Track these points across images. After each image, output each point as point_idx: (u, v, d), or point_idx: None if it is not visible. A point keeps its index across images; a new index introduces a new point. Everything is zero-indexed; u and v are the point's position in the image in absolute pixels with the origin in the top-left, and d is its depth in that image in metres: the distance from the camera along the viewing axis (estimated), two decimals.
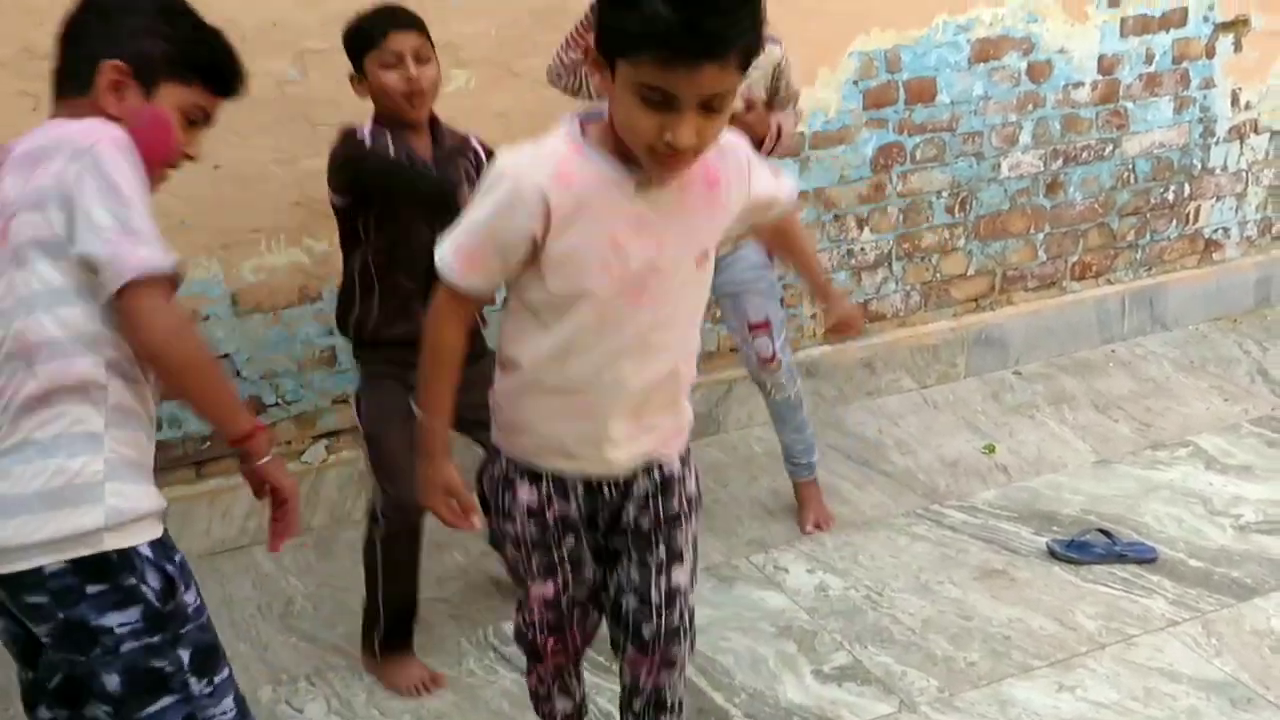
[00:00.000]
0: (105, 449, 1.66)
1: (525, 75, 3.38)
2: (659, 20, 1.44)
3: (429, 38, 2.67)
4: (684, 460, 1.98)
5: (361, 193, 2.64)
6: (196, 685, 1.73)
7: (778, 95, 3.04)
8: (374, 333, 2.70)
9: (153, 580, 1.69)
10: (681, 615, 2.02)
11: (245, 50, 3.06)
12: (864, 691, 2.69)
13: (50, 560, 1.63)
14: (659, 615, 1.99)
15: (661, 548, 1.97)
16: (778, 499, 3.49)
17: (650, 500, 1.94)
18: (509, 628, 2.93)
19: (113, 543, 1.65)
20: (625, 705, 2.14)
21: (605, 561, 2.03)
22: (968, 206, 4.21)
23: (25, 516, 1.62)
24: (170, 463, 3.31)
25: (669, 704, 2.11)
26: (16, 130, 3.07)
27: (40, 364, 1.63)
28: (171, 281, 1.67)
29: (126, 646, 1.67)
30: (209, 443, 3.36)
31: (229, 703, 1.79)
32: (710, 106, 1.53)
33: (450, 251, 1.73)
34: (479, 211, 1.70)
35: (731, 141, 1.75)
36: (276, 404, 3.40)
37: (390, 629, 2.77)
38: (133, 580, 1.67)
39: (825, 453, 3.76)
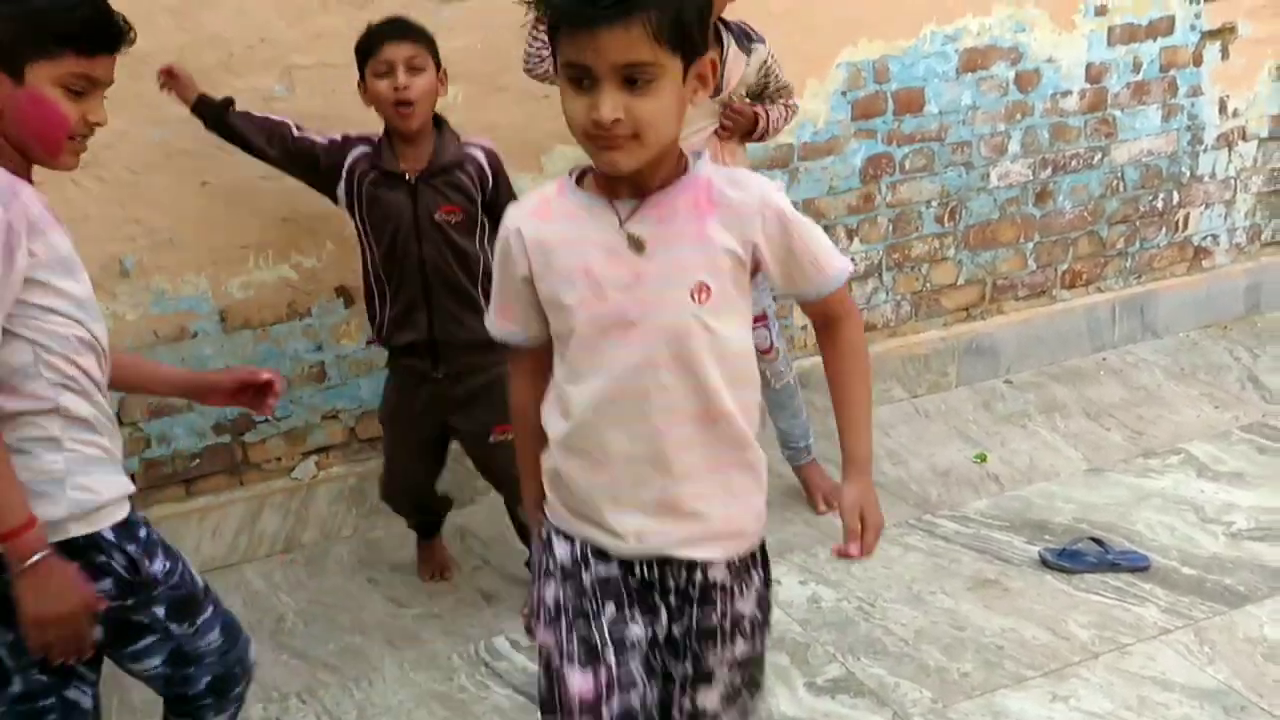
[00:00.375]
0: (64, 449, 1.78)
1: (512, 89, 3.38)
2: None
3: (430, 48, 2.77)
4: (742, 570, 1.70)
5: (348, 204, 2.82)
6: (177, 628, 1.94)
7: (767, 89, 3.20)
8: (387, 337, 2.92)
9: (118, 559, 1.84)
10: None
11: (232, 67, 3.10)
12: (857, 703, 2.68)
13: None
14: None
15: (688, 663, 1.70)
16: (770, 511, 3.46)
17: (687, 605, 1.68)
18: (500, 643, 2.95)
19: (77, 529, 1.79)
20: None
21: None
22: (957, 216, 4.21)
23: None
24: (160, 480, 3.30)
25: None
26: None
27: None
28: None
29: (104, 607, 1.82)
30: (198, 460, 3.35)
31: (214, 635, 2.00)
32: (633, 80, 1.46)
33: (490, 306, 1.75)
34: (494, 262, 1.74)
35: (756, 180, 1.63)
36: (266, 420, 3.39)
37: (394, 509, 3.20)
38: (102, 558, 1.82)
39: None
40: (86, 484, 1.80)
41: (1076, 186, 4.39)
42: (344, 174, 2.80)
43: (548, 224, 1.63)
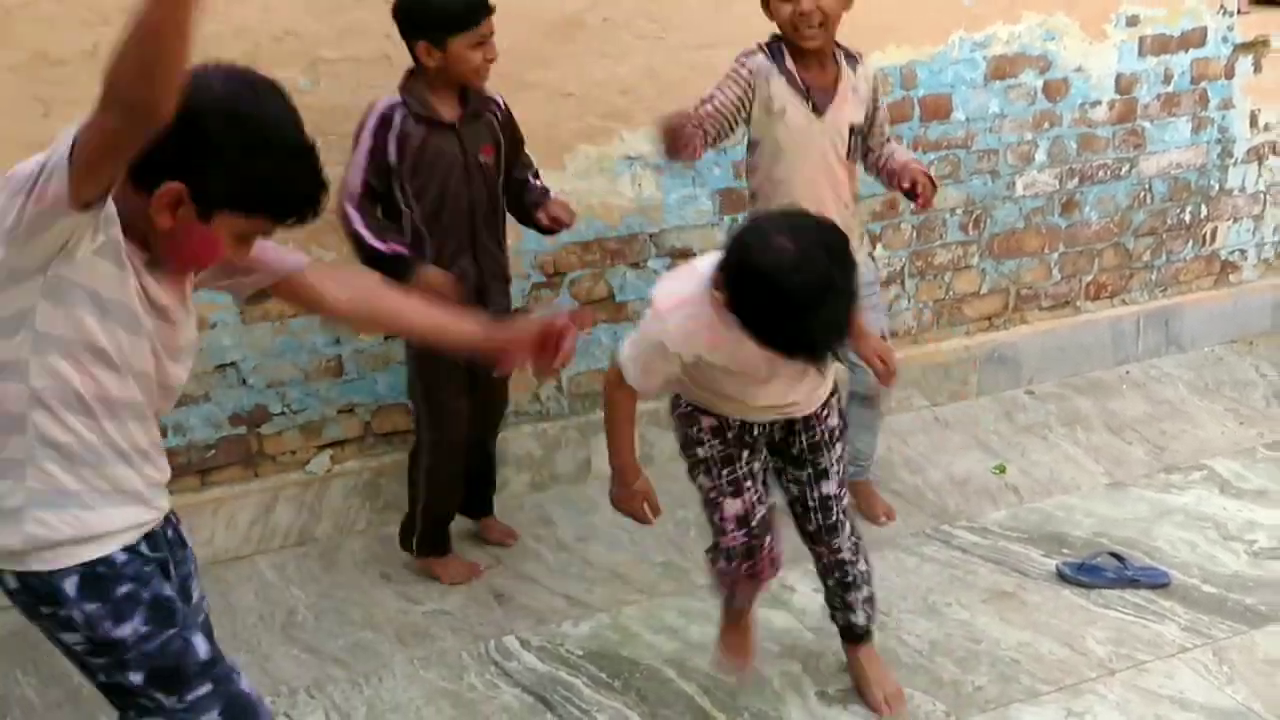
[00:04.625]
0: (28, 478, 1.68)
1: (537, 87, 3.38)
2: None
3: None
4: (825, 403, 2.47)
5: (397, 163, 2.90)
6: (168, 700, 1.78)
7: (876, 116, 3.07)
8: None
9: (78, 615, 1.73)
10: (836, 515, 2.53)
11: (259, 60, 3.07)
12: (869, 714, 2.65)
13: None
14: (816, 516, 2.53)
15: (809, 468, 2.50)
16: (784, 518, 3.45)
17: (796, 434, 2.46)
18: (511, 643, 2.94)
19: (37, 564, 1.71)
20: (823, 582, 2.68)
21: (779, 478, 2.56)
22: (982, 224, 4.18)
23: None
24: (175, 470, 3.26)
25: (850, 580, 2.62)
26: (27, 135, 3.08)
27: None
28: None
29: (89, 660, 1.78)
30: (213, 451, 3.35)
31: (213, 714, 1.80)
32: None
33: (636, 367, 2.35)
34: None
35: None
36: (282, 413, 3.38)
37: (424, 535, 3.20)
38: (65, 611, 1.73)
39: None
40: (47, 519, 1.70)
41: (1103, 197, 4.35)
42: (393, 138, 2.86)
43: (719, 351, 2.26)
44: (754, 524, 2.47)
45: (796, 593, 3.10)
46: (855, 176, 3.11)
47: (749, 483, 2.46)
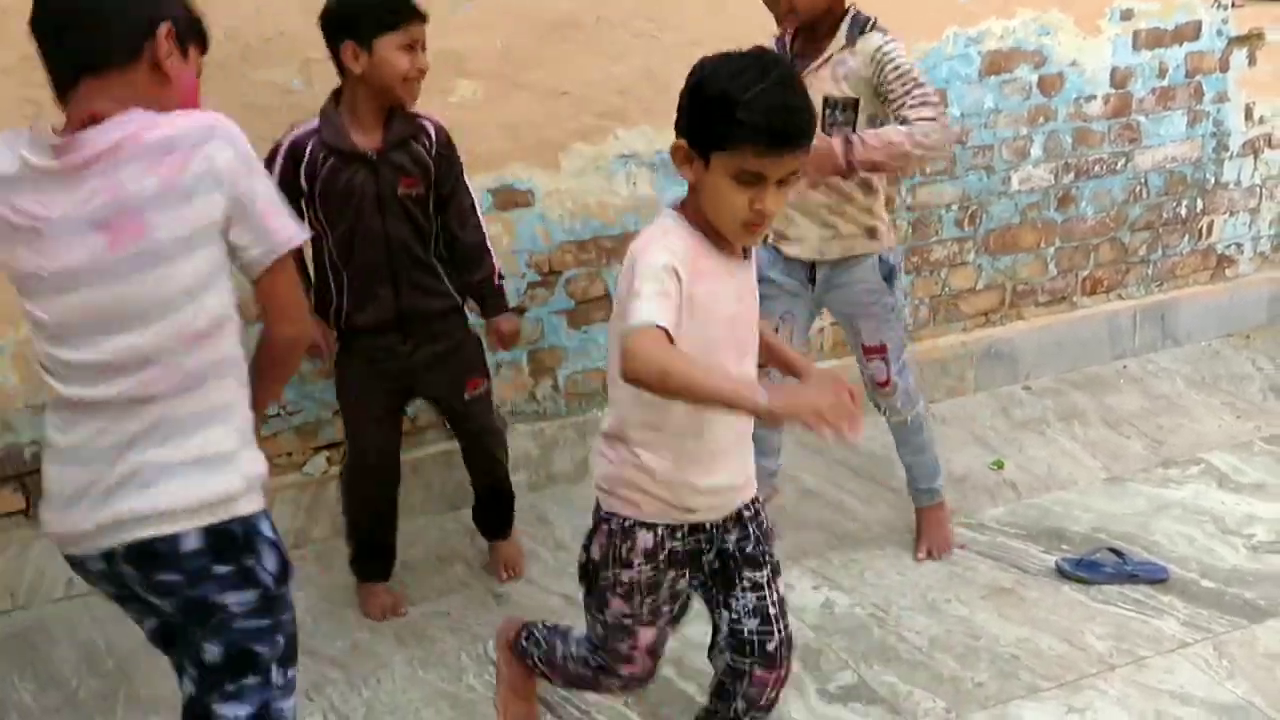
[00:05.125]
0: (238, 419, 1.78)
1: (531, 87, 3.37)
2: (761, 125, 1.82)
3: None
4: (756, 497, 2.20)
5: (307, 192, 2.79)
6: (277, 674, 1.83)
7: (886, 93, 2.84)
8: (348, 323, 2.88)
9: (270, 563, 1.80)
10: (788, 621, 2.21)
11: (250, 60, 3.09)
12: (869, 711, 2.65)
13: (192, 526, 1.72)
14: (778, 624, 2.17)
15: (768, 566, 2.17)
16: (783, 515, 3.45)
17: (748, 527, 2.15)
18: None
19: (245, 507, 1.77)
20: (727, 704, 2.26)
21: (718, 593, 2.19)
22: (977, 220, 4.17)
23: (175, 484, 1.71)
24: None
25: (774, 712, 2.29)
26: None
27: (197, 350, 1.71)
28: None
29: (237, 625, 1.78)
30: None
31: (292, 701, 1.87)
32: (784, 181, 1.88)
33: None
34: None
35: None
36: (278, 414, 3.37)
37: (356, 554, 3.10)
38: (253, 562, 1.77)
39: (833, 468, 3.74)
40: (255, 456, 1.81)
41: (1099, 192, 4.35)
42: (304, 169, 2.75)
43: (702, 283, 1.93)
44: (660, 650, 2.23)
45: (795, 591, 3.09)
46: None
47: (667, 607, 2.17)
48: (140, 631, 2.06)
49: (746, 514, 2.15)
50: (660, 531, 2.08)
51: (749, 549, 2.15)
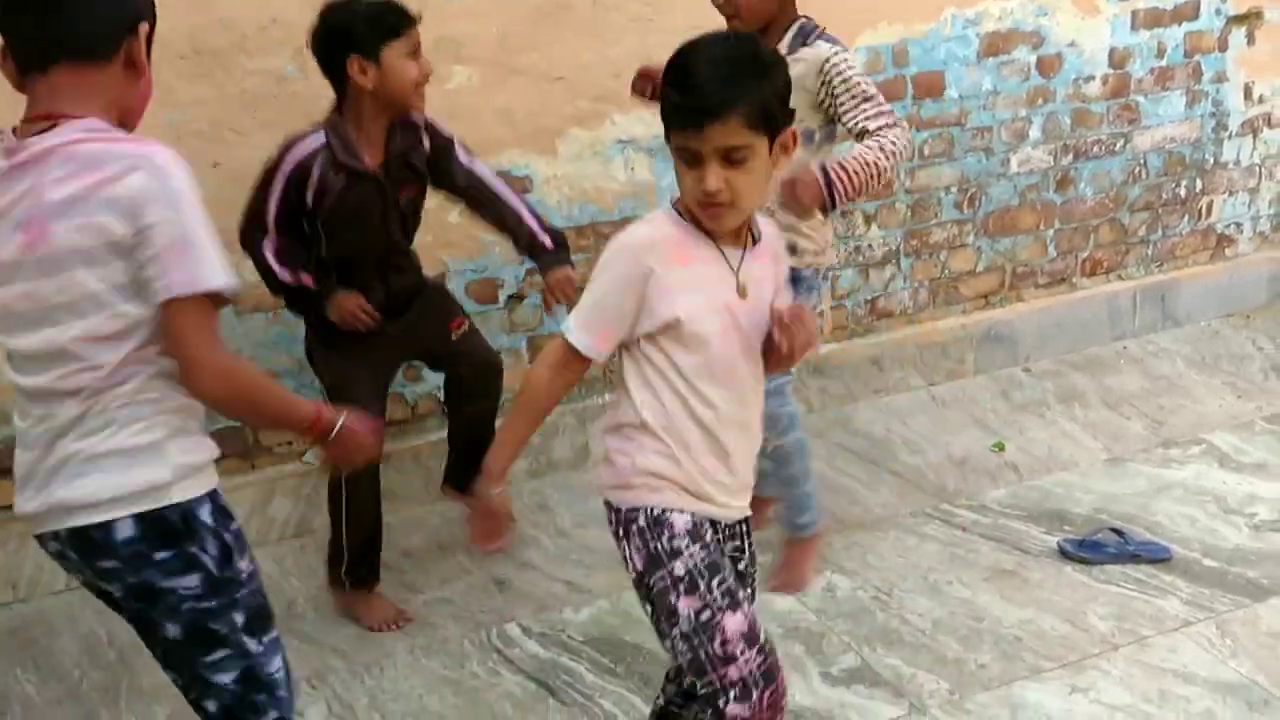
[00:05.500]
0: (167, 410, 1.76)
1: (527, 72, 3.36)
2: (673, 102, 1.82)
3: None
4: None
5: (313, 203, 2.78)
6: (251, 643, 1.85)
7: (833, 108, 2.77)
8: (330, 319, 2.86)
9: (211, 548, 1.79)
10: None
11: (245, 48, 3.08)
12: (873, 694, 2.65)
13: (121, 514, 1.73)
14: (768, 651, 1.96)
15: (750, 586, 2.09)
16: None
17: (746, 543, 2.09)
18: (512, 630, 2.93)
19: (179, 494, 1.76)
20: None
21: None
22: (977, 202, 4.16)
23: (100, 476, 1.73)
24: None
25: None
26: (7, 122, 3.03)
27: (115, 349, 1.71)
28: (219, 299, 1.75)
29: (195, 607, 1.79)
30: None
31: (279, 661, 1.91)
32: (731, 160, 1.79)
33: (582, 323, 1.97)
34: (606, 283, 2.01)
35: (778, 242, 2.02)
36: None
37: (354, 562, 2.96)
38: (194, 548, 1.77)
39: (834, 451, 3.73)
40: (187, 445, 1.79)
41: (1098, 173, 4.34)
42: (311, 188, 2.72)
43: (682, 268, 1.88)
44: (763, 638, 1.92)
45: None
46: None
47: (742, 594, 1.96)
48: None
49: (743, 529, 2.07)
50: (692, 517, 1.94)
51: (741, 566, 2.06)
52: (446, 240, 3.41)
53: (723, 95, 1.77)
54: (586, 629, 2.93)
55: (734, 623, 1.89)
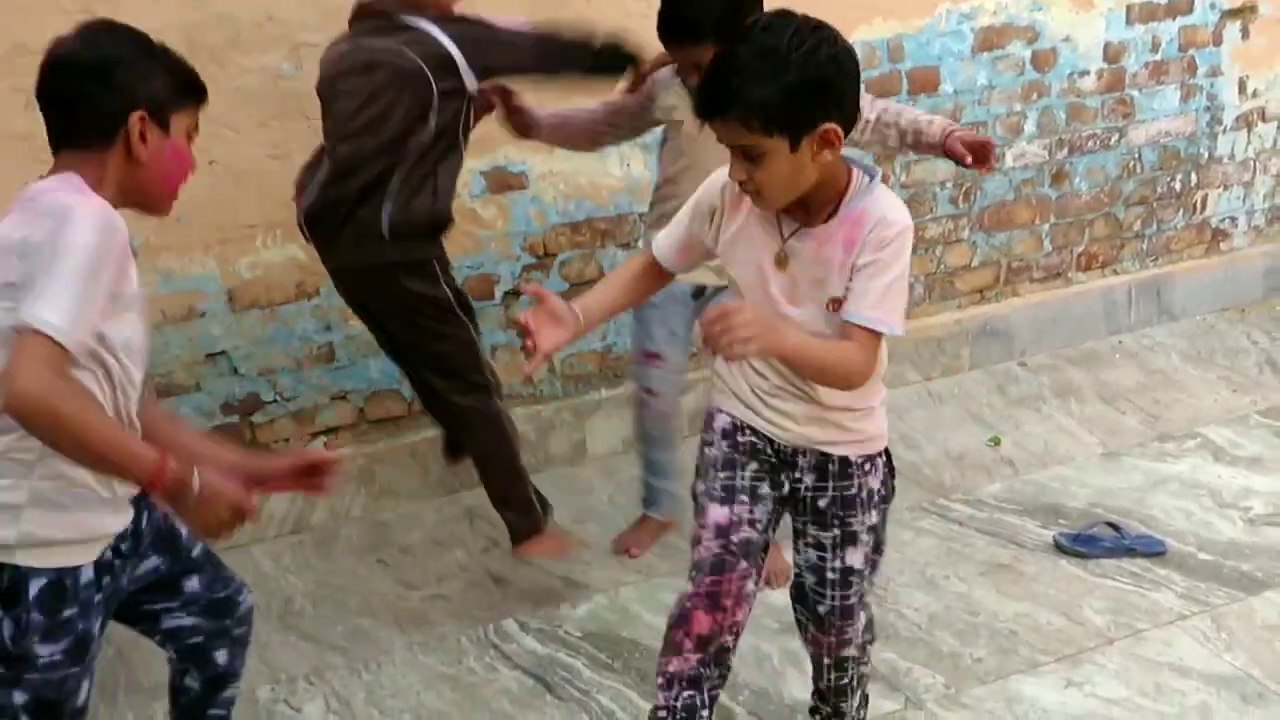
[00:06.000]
0: (34, 477, 1.73)
1: None
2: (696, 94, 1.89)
3: None
4: (868, 458, 2.10)
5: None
6: None
7: None
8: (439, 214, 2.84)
9: (18, 620, 1.75)
10: (854, 596, 2.16)
11: (240, 45, 3.07)
12: (869, 688, 2.65)
13: None
14: (833, 591, 2.14)
15: (836, 528, 2.11)
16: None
17: (828, 481, 2.10)
18: (509, 625, 2.94)
19: (22, 559, 1.74)
20: (814, 694, 2.40)
21: (795, 527, 2.19)
22: (972, 197, 4.17)
23: None
24: None
25: (850, 687, 2.30)
26: (10, 127, 3.06)
27: None
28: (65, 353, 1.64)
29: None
30: None
31: None
32: (748, 155, 1.83)
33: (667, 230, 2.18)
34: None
35: (899, 224, 1.89)
36: (274, 400, 3.37)
37: (533, 494, 2.96)
38: (9, 613, 1.75)
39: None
40: (43, 519, 1.75)
41: (1093, 168, 4.34)
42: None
43: (738, 214, 1.99)
44: (734, 539, 2.06)
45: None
46: None
47: (744, 497, 2.09)
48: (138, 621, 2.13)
49: (832, 468, 2.08)
50: (737, 420, 2.12)
51: (821, 504, 2.10)
52: None
53: (723, 96, 1.79)
54: (584, 625, 2.94)
55: (715, 514, 2.09)
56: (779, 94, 1.76)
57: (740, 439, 2.11)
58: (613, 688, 2.70)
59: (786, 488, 2.13)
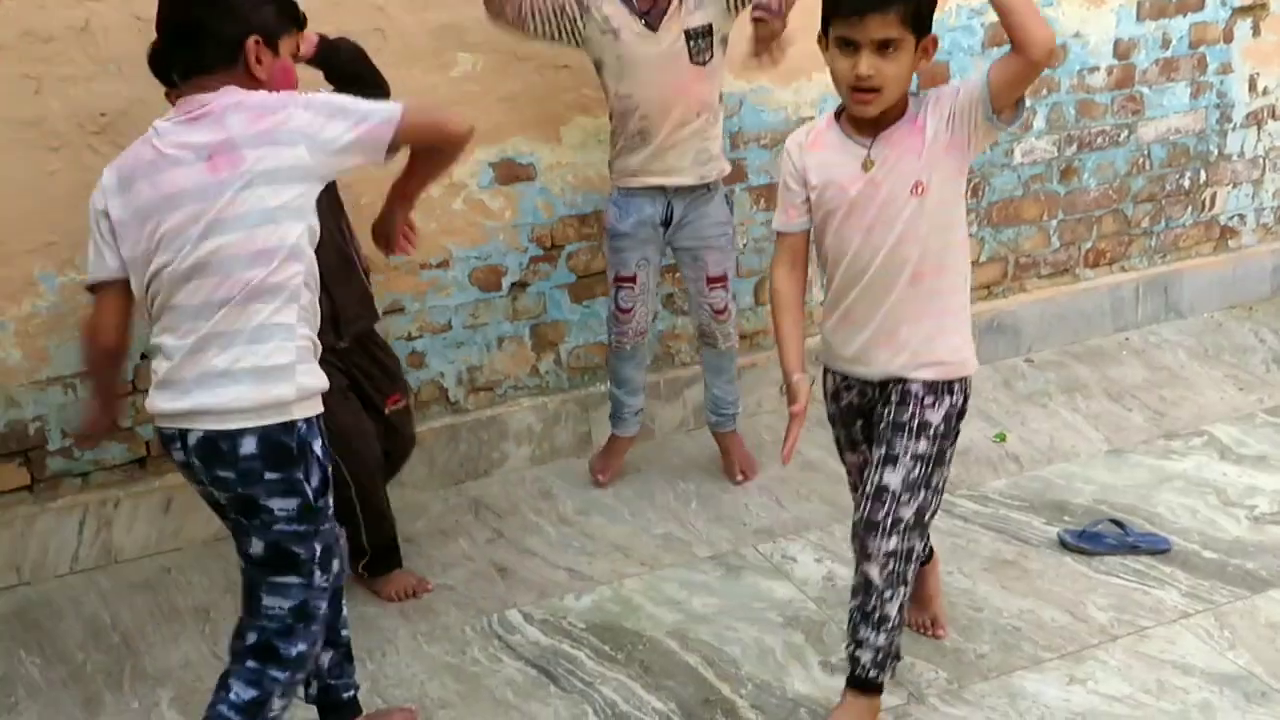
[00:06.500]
0: (296, 338, 2.06)
1: (531, 59, 3.35)
2: None
3: None
4: (935, 390, 2.34)
5: None
6: (319, 577, 2.14)
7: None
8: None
9: (318, 467, 2.10)
10: (886, 514, 2.32)
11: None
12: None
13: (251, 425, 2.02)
14: (866, 503, 2.34)
15: (883, 447, 2.34)
16: (786, 487, 3.46)
17: (888, 406, 2.35)
18: (513, 616, 2.94)
19: (299, 412, 2.06)
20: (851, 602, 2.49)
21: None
22: (980, 192, 4.16)
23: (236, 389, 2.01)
24: None
25: (869, 612, 2.37)
26: (20, 112, 3.05)
27: (256, 267, 2.00)
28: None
29: (284, 530, 2.08)
30: None
31: (325, 601, 2.18)
32: (883, 50, 2.12)
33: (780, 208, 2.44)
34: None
35: (947, 91, 2.26)
36: None
37: (374, 560, 3.01)
38: (303, 467, 2.07)
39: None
40: (311, 370, 2.10)
41: (1102, 164, 4.33)
42: None
43: (815, 152, 2.33)
44: (865, 482, 2.41)
45: (798, 564, 3.11)
46: (713, 80, 3.17)
47: (863, 445, 2.50)
48: (146, 605, 2.20)
49: (895, 395, 2.34)
50: (836, 379, 2.46)
51: (880, 426, 2.36)
52: (450, 227, 3.41)
53: None
54: (588, 616, 2.94)
55: (850, 458, 2.56)
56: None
57: (843, 402, 2.47)
58: (616, 679, 2.71)
59: (879, 413, 2.39)
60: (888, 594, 2.35)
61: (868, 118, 2.23)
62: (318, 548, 2.12)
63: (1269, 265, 4.75)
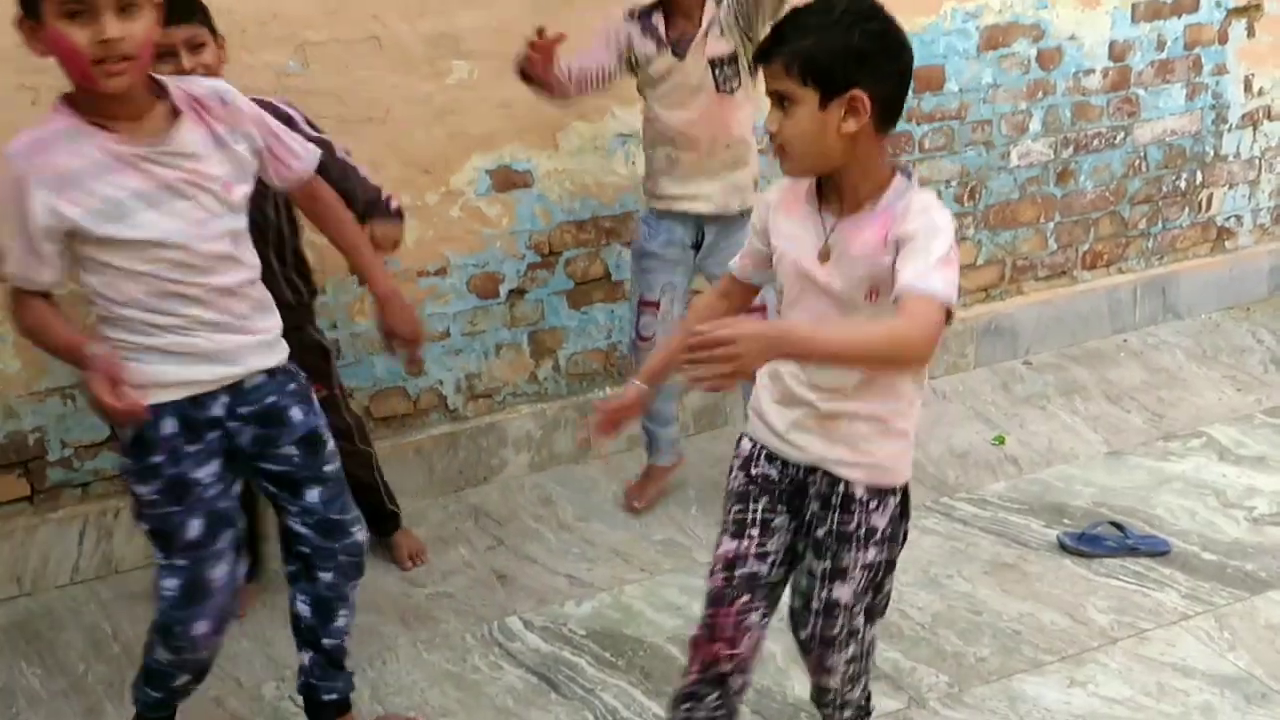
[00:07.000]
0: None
1: None
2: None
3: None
4: (878, 494, 2.06)
5: None
6: (159, 554, 2.29)
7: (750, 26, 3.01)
8: None
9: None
10: (840, 628, 2.13)
11: (245, 44, 3.07)
12: (872, 688, 2.65)
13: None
14: (815, 621, 2.13)
15: (827, 560, 2.09)
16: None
17: (830, 512, 2.07)
18: (514, 623, 2.94)
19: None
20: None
21: (788, 562, 2.17)
22: (977, 195, 4.16)
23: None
24: None
25: (836, 702, 2.27)
26: (17, 122, 3.05)
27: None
28: None
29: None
30: None
31: (174, 585, 2.26)
32: (781, 103, 1.90)
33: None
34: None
35: (934, 213, 1.93)
36: None
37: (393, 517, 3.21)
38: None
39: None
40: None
41: (1098, 166, 4.34)
42: None
43: (782, 216, 2.06)
44: (738, 573, 2.11)
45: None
46: (742, 110, 3.12)
47: (754, 531, 2.11)
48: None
49: (836, 499, 2.06)
50: (756, 446, 2.14)
51: (820, 533, 2.09)
52: (448, 235, 3.42)
53: (772, 42, 1.91)
54: (588, 623, 2.94)
55: (724, 546, 2.14)
56: (819, 47, 1.86)
57: (754, 470, 2.13)
58: (617, 685, 2.71)
59: (805, 514, 2.12)
60: (848, 689, 2.27)
61: (790, 174, 2.02)
62: (146, 526, 2.26)
63: (1266, 266, 4.76)
